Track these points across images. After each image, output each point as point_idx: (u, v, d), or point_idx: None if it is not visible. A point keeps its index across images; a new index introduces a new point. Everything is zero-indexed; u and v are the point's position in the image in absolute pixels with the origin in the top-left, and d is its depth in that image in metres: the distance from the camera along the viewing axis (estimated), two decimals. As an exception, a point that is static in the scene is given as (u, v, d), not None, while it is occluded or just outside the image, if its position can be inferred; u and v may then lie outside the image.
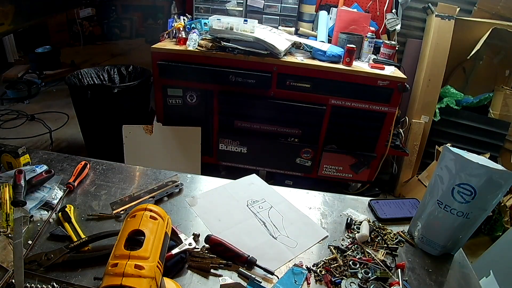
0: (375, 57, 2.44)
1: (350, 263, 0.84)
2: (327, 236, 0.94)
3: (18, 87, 3.93)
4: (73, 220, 0.88)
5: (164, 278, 0.67)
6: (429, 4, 2.77)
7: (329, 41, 2.55)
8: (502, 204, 2.42)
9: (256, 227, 0.95)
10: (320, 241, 0.92)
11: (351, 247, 0.90)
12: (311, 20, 2.72)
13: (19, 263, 0.75)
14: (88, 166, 1.11)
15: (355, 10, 2.66)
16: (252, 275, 0.79)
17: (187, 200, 1.03)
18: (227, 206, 1.03)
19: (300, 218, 1.00)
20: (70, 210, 0.91)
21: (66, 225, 0.87)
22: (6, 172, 1.02)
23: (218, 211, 1.00)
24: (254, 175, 1.18)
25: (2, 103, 3.78)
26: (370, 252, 0.88)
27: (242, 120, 2.41)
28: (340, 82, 2.24)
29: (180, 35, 2.33)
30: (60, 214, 0.90)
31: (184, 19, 2.46)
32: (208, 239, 0.86)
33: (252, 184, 1.13)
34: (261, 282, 0.78)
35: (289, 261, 0.85)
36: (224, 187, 1.10)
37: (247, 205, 1.03)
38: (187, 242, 0.83)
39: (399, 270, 0.84)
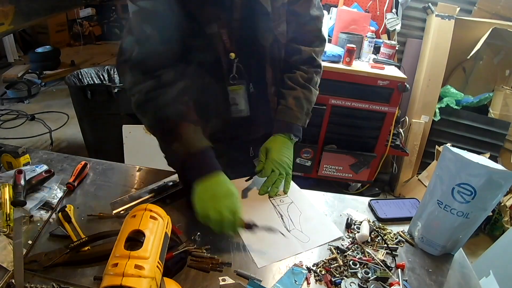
0: (375, 57, 2.44)
1: (350, 263, 0.84)
2: (341, 236, 0.93)
3: (18, 87, 3.93)
4: (73, 220, 0.88)
5: (164, 278, 0.67)
6: (429, 4, 2.77)
7: (329, 41, 2.55)
8: (502, 204, 2.42)
9: (272, 218, 0.97)
10: (333, 240, 0.92)
11: (351, 247, 0.90)
12: (311, 20, 2.71)
13: (19, 263, 0.75)
14: (88, 166, 1.11)
15: (355, 10, 2.66)
16: (252, 275, 0.79)
17: None
18: (250, 193, 1.05)
19: (318, 217, 1.00)
20: (70, 210, 0.91)
21: (66, 225, 0.87)
22: (6, 172, 1.02)
23: (241, 198, 1.02)
24: None
25: (2, 103, 3.78)
26: (370, 252, 0.88)
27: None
28: (340, 82, 2.24)
29: (180, 35, 2.33)
30: (60, 214, 0.90)
31: (184, 19, 2.45)
32: None
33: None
34: (261, 281, 0.78)
35: (298, 254, 0.86)
36: (252, 179, 1.10)
37: (269, 196, 1.04)
38: (187, 242, 0.83)
39: (399, 270, 0.84)
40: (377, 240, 0.93)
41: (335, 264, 0.84)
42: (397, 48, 2.51)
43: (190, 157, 0.86)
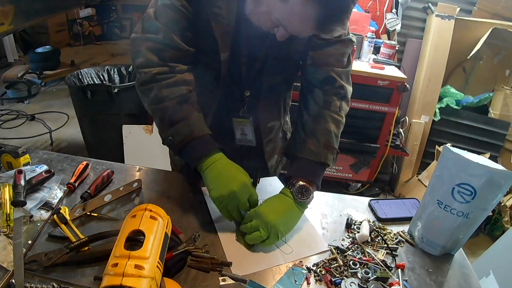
0: (375, 57, 2.45)
1: (350, 263, 0.84)
2: (327, 250, 0.90)
3: (18, 87, 3.93)
4: (69, 221, 0.88)
5: (164, 278, 0.67)
6: (429, 4, 2.78)
7: (329, 41, 2.55)
8: (502, 204, 2.42)
9: None
10: (318, 253, 0.89)
11: (351, 247, 0.90)
12: (311, 20, 2.71)
13: (19, 263, 0.75)
14: (89, 166, 1.10)
15: (355, 10, 2.66)
16: (236, 275, 0.78)
17: (202, 189, 1.04)
18: None
19: (306, 228, 0.97)
20: (65, 212, 0.90)
21: (63, 226, 0.86)
22: (6, 172, 1.02)
23: None
24: (275, 177, 1.17)
25: (2, 103, 3.78)
26: (370, 252, 0.88)
27: (242, 120, 2.40)
28: (340, 82, 2.24)
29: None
30: (55, 216, 0.89)
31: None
32: None
33: (270, 185, 1.13)
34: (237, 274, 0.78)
35: (278, 265, 0.84)
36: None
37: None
38: (187, 242, 0.83)
39: (399, 270, 0.84)
40: (377, 240, 0.93)
41: (335, 264, 0.84)
42: (397, 48, 2.51)
43: (194, 138, 0.88)
